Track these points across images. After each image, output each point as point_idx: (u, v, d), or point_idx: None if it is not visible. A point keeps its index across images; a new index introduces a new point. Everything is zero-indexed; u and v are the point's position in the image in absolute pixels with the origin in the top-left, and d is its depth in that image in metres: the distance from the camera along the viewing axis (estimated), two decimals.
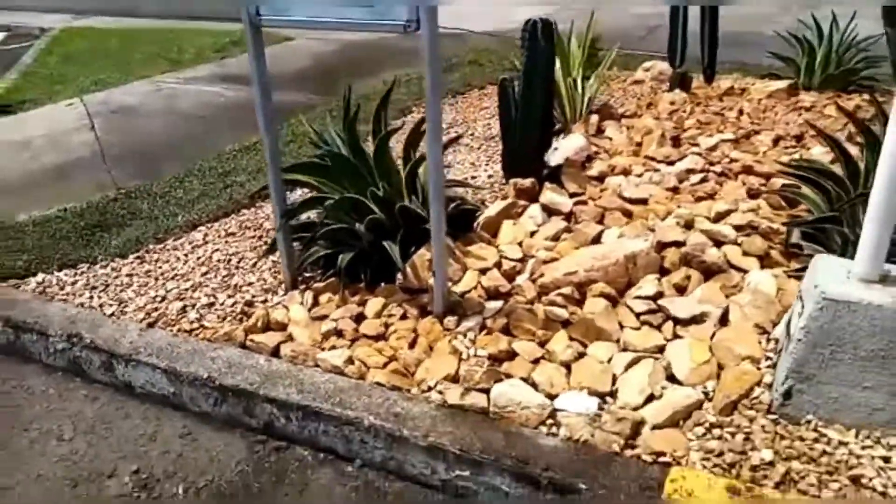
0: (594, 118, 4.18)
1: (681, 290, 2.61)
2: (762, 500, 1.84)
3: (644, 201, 3.17)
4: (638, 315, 2.51)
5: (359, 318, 2.63)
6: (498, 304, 2.60)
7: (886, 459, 1.91)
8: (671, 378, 2.26)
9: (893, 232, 1.92)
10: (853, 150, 2.80)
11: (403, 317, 2.63)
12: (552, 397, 2.21)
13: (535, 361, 2.36)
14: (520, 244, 2.94)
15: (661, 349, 2.37)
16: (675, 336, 2.42)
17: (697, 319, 2.45)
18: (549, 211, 3.16)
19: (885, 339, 1.91)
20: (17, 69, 7.98)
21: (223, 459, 2.31)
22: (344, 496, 2.14)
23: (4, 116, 6.18)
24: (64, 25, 10.97)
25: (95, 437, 2.43)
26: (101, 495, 2.20)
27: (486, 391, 2.24)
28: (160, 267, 3.20)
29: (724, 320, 2.45)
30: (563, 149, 3.65)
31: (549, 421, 2.14)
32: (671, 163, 3.56)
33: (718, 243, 2.75)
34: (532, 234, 3.03)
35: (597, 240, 2.88)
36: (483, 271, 2.79)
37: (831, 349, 1.97)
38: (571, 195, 3.27)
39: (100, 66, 7.63)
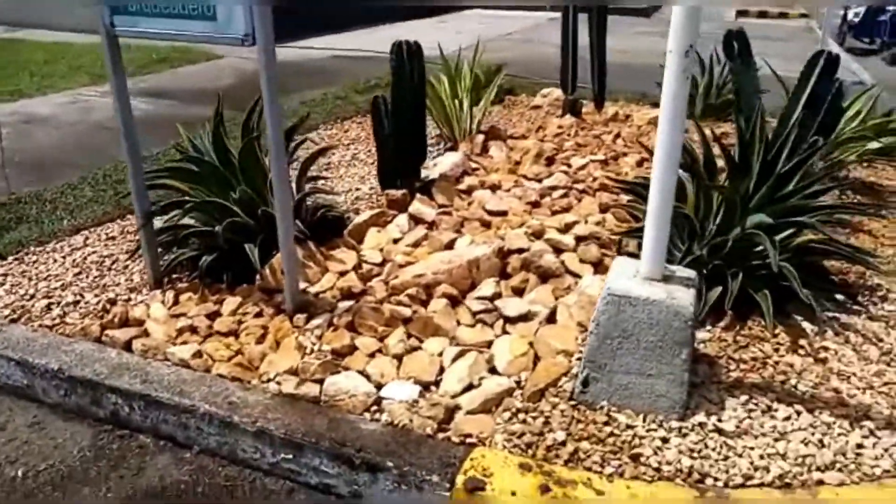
0: (480, 138, 4.42)
1: (519, 292, 2.82)
2: (550, 475, 2.02)
3: (504, 213, 3.39)
4: (474, 314, 2.70)
5: (214, 316, 2.76)
6: (349, 303, 2.76)
7: (665, 440, 2.12)
8: (492, 370, 2.44)
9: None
10: None
11: (258, 315, 2.76)
12: (380, 387, 2.37)
13: (372, 355, 2.52)
14: (381, 250, 3.12)
15: (489, 344, 2.56)
16: (504, 332, 2.62)
17: (526, 317, 2.65)
18: (416, 220, 3.35)
19: (661, 331, 2.13)
20: None
21: (67, 446, 2.39)
22: (177, 479, 2.25)
23: None
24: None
25: None
26: None
27: (321, 382, 2.39)
28: (36, 268, 3.27)
29: (552, 319, 2.66)
30: (440, 164, 3.87)
31: (374, 408, 2.30)
32: (539, 180, 3.80)
33: (559, 251, 2.98)
34: (396, 241, 3.21)
35: (450, 246, 3.07)
36: (342, 274, 2.96)
37: (619, 340, 2.19)
38: (440, 206, 3.47)
39: (20, 78, 7.61)
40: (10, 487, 2.23)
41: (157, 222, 3.07)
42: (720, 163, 2.90)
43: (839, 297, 2.81)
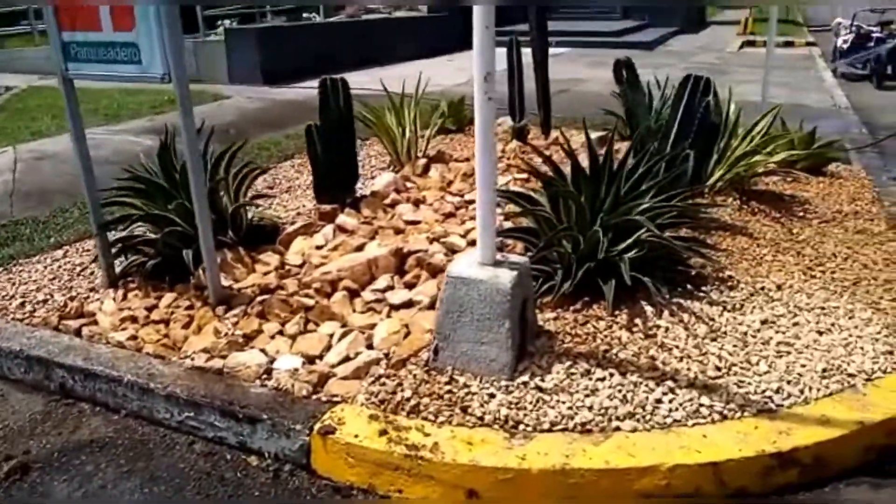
0: (422, 161, 4.92)
1: (411, 285, 3.29)
2: (391, 422, 2.46)
3: (417, 223, 3.87)
4: (367, 303, 3.18)
5: (152, 308, 3.28)
6: (265, 297, 3.26)
7: (492, 396, 2.54)
8: (370, 346, 2.91)
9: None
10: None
11: (189, 307, 3.28)
12: (273, 360, 2.85)
13: (273, 337, 3.00)
14: (303, 254, 3.62)
15: (373, 326, 3.02)
16: (389, 317, 3.08)
17: (409, 305, 3.12)
18: (342, 230, 3.85)
19: (488, 305, 2.57)
20: None
21: (22, 412, 2.91)
22: (103, 435, 2.74)
23: None
24: (28, 85, 11.86)
25: None
26: None
27: (226, 357, 2.88)
28: (20, 276, 3.85)
29: (432, 306, 3.11)
30: (376, 183, 4.39)
31: (265, 376, 2.77)
32: (462, 195, 4.28)
33: (453, 251, 3.45)
34: (319, 247, 3.71)
35: (360, 249, 3.56)
36: (265, 274, 3.46)
37: (457, 314, 2.63)
38: (365, 218, 3.97)
39: (42, 121, 8.41)
40: None
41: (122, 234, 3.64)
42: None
43: (689, 287, 3.20)
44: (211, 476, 2.51)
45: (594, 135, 5.62)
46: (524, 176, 4.55)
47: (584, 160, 3.33)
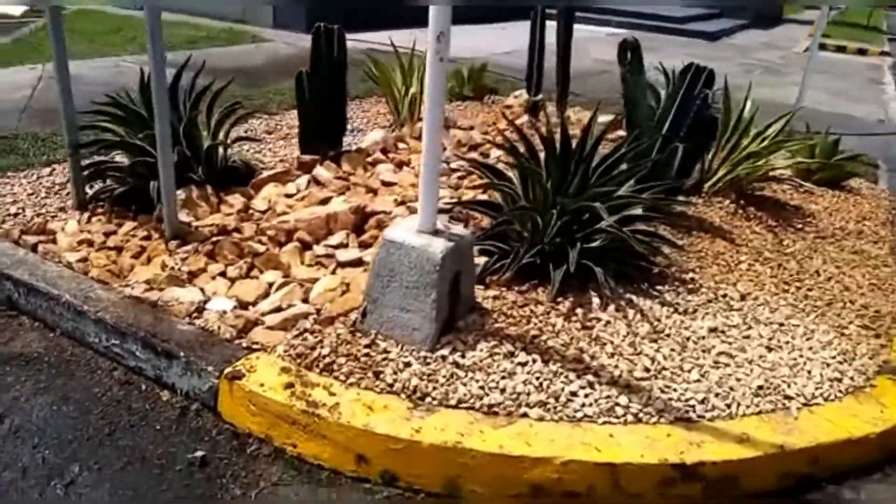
0: (420, 123, 4.83)
1: (367, 245, 3.24)
2: (301, 377, 2.44)
3: (393, 184, 3.81)
4: (317, 257, 3.15)
5: (110, 234, 3.31)
6: (220, 238, 3.25)
7: (408, 364, 2.50)
8: (305, 300, 2.88)
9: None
10: None
11: (146, 238, 3.29)
12: (208, 300, 2.85)
13: (214, 277, 3.00)
14: (269, 200, 3.60)
15: (315, 281, 2.99)
16: (333, 273, 3.05)
17: (356, 263, 3.08)
18: (316, 182, 3.82)
19: (417, 273, 2.51)
20: (13, 37, 8.96)
21: None
22: (34, 350, 2.79)
23: None
24: (78, 8, 12.03)
25: None
26: None
27: (163, 290, 2.89)
28: (3, 188, 3.92)
29: None
30: (365, 140, 4.32)
31: (195, 314, 2.77)
32: (447, 163, 4.19)
33: None
34: (289, 195, 3.69)
35: (325, 202, 3.52)
36: (227, 215, 3.45)
37: (387, 279, 2.58)
38: (343, 173, 3.93)
39: (81, 44, 8.53)
40: None
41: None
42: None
43: (645, 284, 3.08)
44: (120, 404, 2.53)
45: (605, 118, 5.48)
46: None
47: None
